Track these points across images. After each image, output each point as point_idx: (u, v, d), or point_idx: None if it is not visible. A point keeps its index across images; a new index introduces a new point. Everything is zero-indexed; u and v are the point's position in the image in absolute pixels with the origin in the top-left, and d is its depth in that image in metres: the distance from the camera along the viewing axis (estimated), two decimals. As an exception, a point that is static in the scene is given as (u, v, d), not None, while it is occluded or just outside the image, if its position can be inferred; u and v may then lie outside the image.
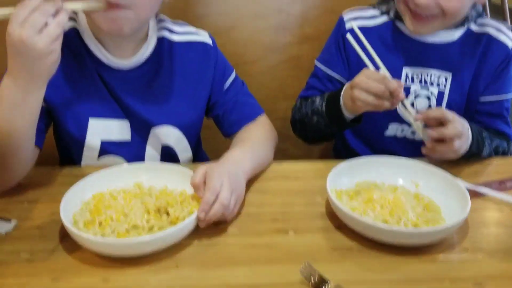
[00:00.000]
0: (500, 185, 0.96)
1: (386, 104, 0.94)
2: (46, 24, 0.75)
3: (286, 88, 1.50)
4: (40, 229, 0.81)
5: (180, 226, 0.75)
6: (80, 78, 0.98)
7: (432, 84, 1.13)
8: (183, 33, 1.07)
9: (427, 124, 0.96)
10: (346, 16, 1.18)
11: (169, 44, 1.04)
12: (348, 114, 1.03)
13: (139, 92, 1.01)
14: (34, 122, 0.85)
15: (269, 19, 1.43)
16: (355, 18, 1.16)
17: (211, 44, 1.09)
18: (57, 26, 0.76)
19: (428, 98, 1.13)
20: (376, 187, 0.90)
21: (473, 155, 1.03)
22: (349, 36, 1.02)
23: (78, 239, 0.74)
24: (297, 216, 0.86)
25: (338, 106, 1.03)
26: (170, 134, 1.06)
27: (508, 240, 0.81)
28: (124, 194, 0.86)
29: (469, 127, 0.98)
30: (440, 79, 1.12)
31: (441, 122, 0.94)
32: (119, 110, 1.01)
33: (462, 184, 0.88)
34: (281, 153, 1.13)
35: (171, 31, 1.05)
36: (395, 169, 0.95)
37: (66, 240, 0.77)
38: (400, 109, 0.99)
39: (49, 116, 0.98)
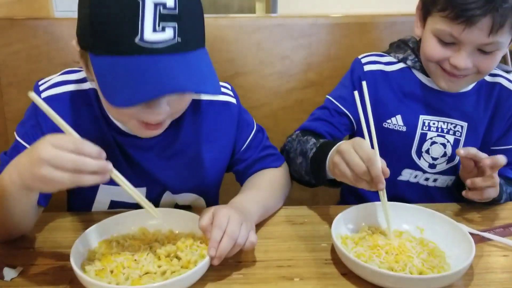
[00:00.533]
0: (505, 230, 0.96)
1: (363, 185, 0.85)
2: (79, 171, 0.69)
3: (289, 132, 1.51)
4: (45, 275, 0.81)
5: (195, 269, 0.75)
6: (96, 142, 0.90)
7: (448, 132, 1.13)
8: None
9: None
10: (364, 59, 1.18)
11: (192, 104, 0.94)
12: (330, 173, 0.96)
13: (158, 157, 0.97)
14: (32, 208, 0.85)
15: (273, 65, 1.47)
16: (373, 62, 1.17)
17: (235, 103, 1.04)
18: (90, 181, 0.70)
19: (444, 146, 1.13)
20: (381, 233, 0.91)
21: (494, 201, 1.04)
22: (364, 84, 0.94)
23: (91, 287, 0.73)
24: (302, 262, 0.86)
25: (324, 159, 0.96)
26: (187, 198, 1.05)
27: (514, 287, 0.80)
28: (130, 241, 0.87)
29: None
30: (456, 128, 1.13)
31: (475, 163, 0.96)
32: (135, 178, 0.90)
33: (466, 229, 0.88)
34: (287, 199, 1.14)
35: None
36: (400, 214, 0.95)
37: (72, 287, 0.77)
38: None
39: None
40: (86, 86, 0.94)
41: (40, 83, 0.95)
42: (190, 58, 0.78)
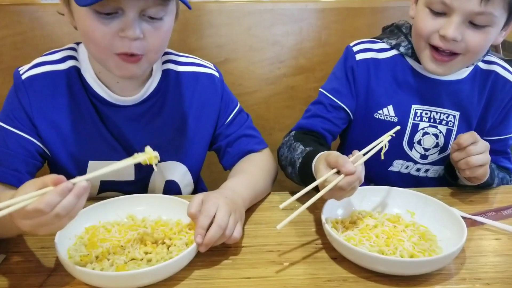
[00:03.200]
0: (496, 213, 0.96)
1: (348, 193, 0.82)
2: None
3: (281, 119, 1.51)
4: (29, 263, 0.80)
5: (179, 257, 0.74)
6: (79, 119, 0.96)
7: (441, 122, 1.11)
8: (189, 63, 1.06)
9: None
10: (356, 47, 1.15)
11: (175, 75, 1.02)
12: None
13: (144, 128, 0.99)
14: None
15: (264, 51, 1.45)
16: (365, 50, 1.14)
17: (218, 76, 1.08)
18: (80, 207, 0.68)
19: (436, 136, 1.11)
20: (372, 217, 0.90)
21: (487, 185, 1.03)
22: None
23: (76, 273, 0.72)
24: (292, 247, 0.85)
25: (310, 172, 0.91)
26: (175, 169, 1.05)
27: (505, 269, 0.79)
28: (118, 227, 0.85)
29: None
30: (449, 118, 1.10)
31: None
32: (122, 150, 0.99)
33: (458, 213, 0.88)
34: (278, 185, 1.13)
35: (176, 62, 1.04)
36: (391, 198, 0.94)
37: (56, 274, 0.76)
38: None
39: (43, 157, 0.97)
40: (65, 65, 0.96)
41: (19, 68, 0.97)
42: None
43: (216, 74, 1.08)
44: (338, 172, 0.80)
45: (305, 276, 0.78)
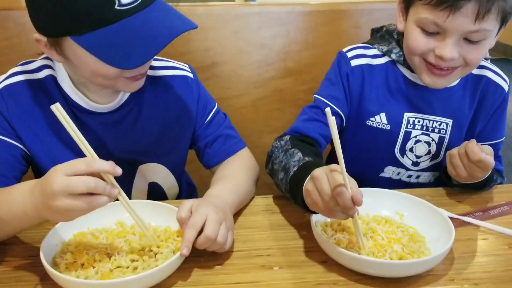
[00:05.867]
0: (484, 213, 0.96)
1: (338, 216, 0.76)
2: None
3: (270, 122, 1.51)
4: (17, 271, 0.79)
5: (164, 265, 0.74)
6: (58, 126, 0.93)
7: (433, 130, 1.09)
8: (164, 67, 1.06)
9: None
10: (350, 53, 1.12)
11: (150, 80, 1.02)
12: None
13: (122, 134, 1.00)
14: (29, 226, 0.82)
15: (251, 54, 1.45)
16: (359, 56, 1.11)
17: (192, 77, 1.08)
18: (104, 202, 0.71)
19: (428, 144, 1.10)
20: (361, 219, 0.90)
21: (486, 186, 1.04)
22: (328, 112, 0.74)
23: (59, 281, 0.72)
24: (282, 251, 0.85)
25: (302, 183, 0.84)
26: (157, 171, 1.06)
27: (493, 269, 0.80)
28: (106, 234, 0.85)
29: None
30: (441, 125, 1.09)
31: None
32: (101, 156, 0.96)
33: (446, 214, 0.88)
34: (267, 187, 1.13)
35: (152, 67, 1.05)
36: (380, 200, 0.94)
37: (44, 283, 0.75)
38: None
39: (27, 162, 0.97)
40: (41, 75, 0.96)
41: None
42: (160, 6, 0.85)
43: (190, 75, 1.08)
44: None
45: (295, 280, 0.77)
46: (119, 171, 0.71)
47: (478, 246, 0.86)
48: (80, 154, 0.98)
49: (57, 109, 0.71)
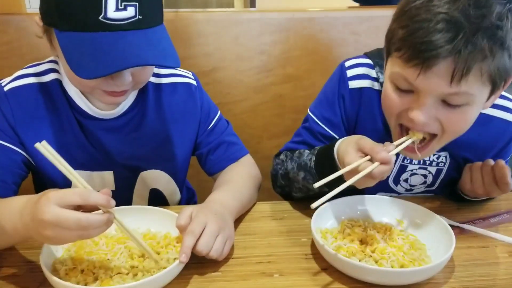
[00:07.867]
0: (484, 221, 0.96)
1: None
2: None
3: (270, 127, 1.52)
4: (16, 277, 0.78)
5: (164, 272, 0.73)
6: (61, 131, 0.96)
7: (431, 164, 1.03)
8: (167, 75, 1.06)
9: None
10: (350, 71, 1.01)
11: (153, 88, 1.03)
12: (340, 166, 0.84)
13: (125, 140, 1.00)
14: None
15: (251, 60, 1.45)
16: (361, 77, 1.01)
17: (196, 85, 1.08)
18: (96, 234, 0.70)
19: (425, 176, 1.05)
20: (361, 226, 0.90)
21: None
22: None
23: (59, 287, 0.71)
24: (282, 258, 0.85)
25: (331, 162, 0.84)
26: (158, 178, 1.05)
27: (493, 277, 0.80)
28: (106, 239, 0.84)
29: None
30: (440, 159, 1.02)
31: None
32: (103, 161, 0.99)
33: (446, 222, 0.88)
34: (266, 193, 1.13)
35: (157, 75, 1.04)
36: (380, 207, 0.95)
37: (44, 289, 0.75)
38: None
39: (28, 167, 0.96)
40: (47, 78, 0.97)
41: (1, 81, 0.97)
42: (151, 34, 0.83)
43: (194, 82, 1.08)
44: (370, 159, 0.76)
45: (295, 287, 0.77)
46: (113, 203, 0.70)
47: (478, 254, 0.86)
48: (81, 161, 0.98)
49: (43, 146, 0.70)
